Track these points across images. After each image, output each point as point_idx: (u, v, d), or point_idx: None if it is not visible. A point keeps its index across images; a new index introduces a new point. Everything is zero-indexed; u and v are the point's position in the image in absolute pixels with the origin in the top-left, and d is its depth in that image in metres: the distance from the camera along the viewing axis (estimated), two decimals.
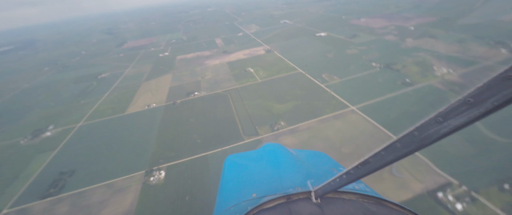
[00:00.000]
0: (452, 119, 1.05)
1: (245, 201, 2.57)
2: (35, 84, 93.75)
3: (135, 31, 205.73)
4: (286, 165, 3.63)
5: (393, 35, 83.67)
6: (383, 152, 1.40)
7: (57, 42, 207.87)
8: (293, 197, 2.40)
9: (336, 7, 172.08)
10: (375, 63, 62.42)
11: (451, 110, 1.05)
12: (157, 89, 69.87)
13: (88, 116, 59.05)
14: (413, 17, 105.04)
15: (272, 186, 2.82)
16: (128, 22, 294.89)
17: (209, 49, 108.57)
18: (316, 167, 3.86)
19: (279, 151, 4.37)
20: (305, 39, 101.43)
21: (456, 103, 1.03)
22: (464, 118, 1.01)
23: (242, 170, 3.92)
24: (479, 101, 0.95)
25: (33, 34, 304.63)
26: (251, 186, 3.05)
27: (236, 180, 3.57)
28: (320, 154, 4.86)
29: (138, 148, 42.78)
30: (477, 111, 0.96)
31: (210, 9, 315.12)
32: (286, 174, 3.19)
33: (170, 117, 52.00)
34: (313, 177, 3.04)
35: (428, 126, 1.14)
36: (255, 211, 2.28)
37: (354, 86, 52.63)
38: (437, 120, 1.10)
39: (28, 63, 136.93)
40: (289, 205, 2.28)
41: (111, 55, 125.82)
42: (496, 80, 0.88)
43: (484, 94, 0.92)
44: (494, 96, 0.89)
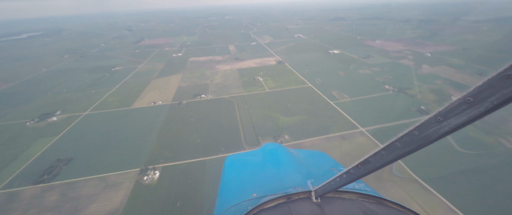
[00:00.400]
0: (452, 118, 1.04)
1: (246, 201, 2.54)
2: (53, 69, 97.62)
3: (153, 30, 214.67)
4: (286, 165, 3.62)
5: (408, 59, 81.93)
6: (383, 151, 1.40)
7: (80, 33, 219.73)
8: (293, 197, 2.39)
9: (352, 27, 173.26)
10: (389, 86, 60.49)
11: (451, 109, 1.04)
12: (166, 88, 70.52)
13: (95, 106, 59.79)
14: (430, 44, 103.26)
15: (272, 186, 2.80)
16: (149, 21, 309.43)
17: (221, 54, 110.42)
18: (316, 166, 3.83)
19: (279, 151, 4.35)
20: (318, 54, 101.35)
21: (456, 102, 1.02)
22: (464, 117, 1.00)
23: (242, 170, 3.89)
24: (478, 100, 0.94)
25: (61, 24, 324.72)
26: (251, 186, 3.03)
27: (236, 180, 3.53)
28: (320, 154, 4.84)
29: (137, 144, 42.11)
30: (476, 110, 0.96)
31: (228, 17, 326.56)
32: (286, 174, 3.19)
33: (174, 117, 51.58)
34: (313, 176, 3.03)
35: (428, 126, 1.13)
36: (255, 211, 2.26)
37: (365, 107, 50.67)
38: (437, 119, 1.10)
39: (51, 49, 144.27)
40: (289, 205, 2.26)
41: (128, 50, 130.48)
42: (496, 79, 0.87)
43: (483, 93, 0.92)
44: (494, 95, 0.89)
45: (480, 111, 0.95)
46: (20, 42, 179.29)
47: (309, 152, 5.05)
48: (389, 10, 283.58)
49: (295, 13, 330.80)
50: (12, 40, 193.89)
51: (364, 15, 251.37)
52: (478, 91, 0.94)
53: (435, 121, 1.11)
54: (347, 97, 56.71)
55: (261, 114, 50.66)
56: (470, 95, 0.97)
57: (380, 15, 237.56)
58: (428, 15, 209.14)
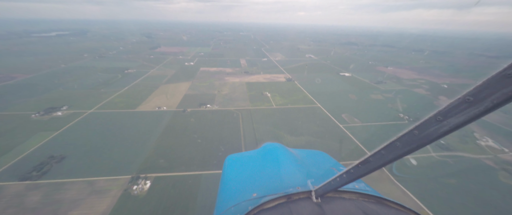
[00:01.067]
0: (452, 117, 1.04)
1: (246, 201, 2.55)
2: (71, 66, 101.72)
3: (170, 39, 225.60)
4: (287, 164, 3.61)
5: (423, 89, 78.86)
6: (383, 151, 1.41)
7: (103, 35, 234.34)
8: (294, 197, 2.40)
9: (363, 52, 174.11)
10: (403, 115, 57.15)
11: (451, 108, 1.04)
12: (173, 94, 70.48)
13: (101, 105, 59.84)
14: (445, 76, 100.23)
15: (273, 186, 2.79)
16: (168, 31, 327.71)
17: (232, 67, 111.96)
18: (317, 166, 3.81)
19: (279, 150, 4.34)
20: (328, 75, 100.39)
21: (456, 101, 1.02)
22: (464, 116, 1.01)
23: (242, 169, 3.87)
24: (478, 99, 0.94)
25: (88, 26, 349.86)
26: (251, 185, 3.03)
27: (236, 180, 3.51)
28: (320, 154, 4.82)
29: (134, 149, 40.32)
30: (476, 110, 0.96)
31: (242, 33, 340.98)
32: (286, 174, 3.19)
33: (176, 124, 50.12)
34: (313, 176, 3.02)
35: (427, 125, 1.13)
36: (255, 211, 2.27)
37: (377, 135, 47.30)
38: (436, 119, 1.10)
39: (73, 47, 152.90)
40: (289, 205, 2.28)
41: (143, 55, 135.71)
42: (496, 78, 0.87)
43: (483, 93, 0.92)
44: (494, 94, 0.89)
45: (480, 110, 0.95)
46: (48, 39, 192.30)
47: (309, 152, 5.01)
48: (401, 39, 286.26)
49: (307, 35, 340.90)
50: (42, 36, 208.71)
51: (375, 41, 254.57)
52: (478, 90, 0.94)
53: (435, 120, 1.11)
54: (358, 121, 53.68)
55: (266, 131, 48.28)
56: (470, 94, 0.97)
57: (392, 43, 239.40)
58: (441, 47, 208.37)
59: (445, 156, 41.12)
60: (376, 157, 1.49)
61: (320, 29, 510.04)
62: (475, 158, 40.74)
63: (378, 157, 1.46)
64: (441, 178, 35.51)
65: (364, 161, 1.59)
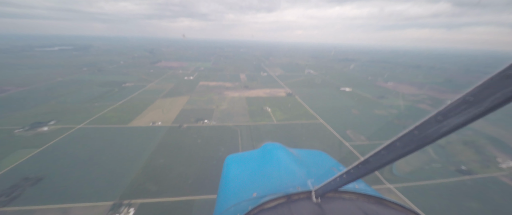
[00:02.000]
0: (452, 118, 1.03)
1: (246, 201, 2.54)
2: (68, 79, 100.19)
3: (172, 54, 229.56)
4: (286, 164, 3.57)
5: (427, 104, 76.89)
6: (383, 151, 1.41)
7: (106, 50, 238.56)
8: (294, 197, 2.41)
9: (362, 68, 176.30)
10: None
11: (451, 109, 1.03)
12: (169, 108, 67.77)
13: (91, 120, 56.61)
14: (446, 91, 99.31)
15: (273, 186, 2.77)
16: (171, 47, 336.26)
17: (231, 82, 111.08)
18: (317, 166, 3.77)
19: (279, 150, 4.28)
20: (329, 90, 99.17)
21: (456, 102, 1.01)
22: (464, 116, 1.00)
23: (242, 169, 3.83)
24: (479, 99, 0.94)
25: (92, 42, 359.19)
26: (251, 185, 2.98)
27: (236, 180, 3.47)
28: (320, 154, 4.74)
29: (120, 169, 36.31)
30: (477, 110, 0.95)
31: (242, 49, 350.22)
32: (286, 174, 3.15)
33: (170, 142, 46.55)
34: (313, 176, 2.99)
35: (428, 125, 1.13)
36: (255, 210, 2.28)
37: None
38: (437, 119, 1.09)
39: (74, 61, 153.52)
40: (289, 205, 2.28)
41: (143, 69, 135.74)
42: (496, 79, 0.87)
43: (484, 93, 0.91)
44: (494, 95, 0.88)
45: (480, 110, 0.94)
46: (50, 53, 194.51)
47: (309, 152, 4.91)
48: (397, 56, 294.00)
49: (305, 51, 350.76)
50: (44, 51, 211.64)
51: (373, 58, 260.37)
52: (478, 91, 0.94)
53: (435, 120, 1.10)
54: (364, 139, 50.42)
55: None
56: (470, 94, 0.96)
57: (388, 59, 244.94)
58: (437, 63, 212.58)
59: (466, 180, 37.39)
60: (376, 158, 1.47)
61: (317, 46, 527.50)
62: (498, 181, 36.96)
63: (378, 157, 1.45)
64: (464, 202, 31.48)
65: (364, 161, 1.58)
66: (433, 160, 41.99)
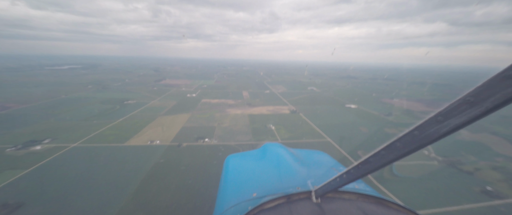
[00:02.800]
0: (452, 118, 1.03)
1: (246, 201, 2.54)
2: (71, 97, 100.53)
3: (176, 73, 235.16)
4: (287, 164, 3.59)
5: None
6: (383, 151, 1.40)
7: (113, 69, 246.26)
8: (294, 197, 2.41)
9: (364, 85, 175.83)
10: (429, 153, 49.93)
11: (451, 109, 1.04)
12: (170, 126, 65.44)
13: (88, 138, 54.19)
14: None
15: (273, 186, 2.77)
16: (175, 65, 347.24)
17: (234, 99, 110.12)
18: (317, 166, 3.79)
19: (279, 150, 4.29)
20: (334, 107, 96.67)
21: (456, 102, 1.02)
22: (464, 117, 1.00)
23: (242, 169, 3.81)
24: (479, 100, 0.94)
25: (101, 61, 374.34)
26: (251, 185, 2.97)
27: (236, 180, 3.43)
28: (321, 154, 4.73)
29: (109, 195, 32.68)
30: (477, 110, 0.95)
31: (245, 68, 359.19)
32: (286, 174, 3.17)
33: (167, 163, 43.21)
34: (313, 176, 3.00)
35: (428, 126, 1.13)
36: (255, 211, 2.27)
37: (409, 181, 39.41)
38: (437, 119, 1.09)
39: (81, 79, 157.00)
40: (289, 205, 2.29)
41: (147, 87, 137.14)
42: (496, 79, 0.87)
43: (484, 93, 0.92)
44: (494, 95, 0.89)
45: (480, 111, 0.94)
46: (59, 72, 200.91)
47: (309, 151, 4.82)
48: (399, 73, 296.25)
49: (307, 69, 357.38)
50: (54, 69, 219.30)
51: (374, 75, 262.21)
52: (478, 91, 0.94)
53: (435, 121, 1.10)
54: None
55: None
56: (470, 95, 0.96)
57: (391, 76, 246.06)
58: (440, 80, 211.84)
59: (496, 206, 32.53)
60: (376, 158, 1.46)
61: (318, 65, 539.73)
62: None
63: (378, 157, 1.43)
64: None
65: (364, 161, 1.56)
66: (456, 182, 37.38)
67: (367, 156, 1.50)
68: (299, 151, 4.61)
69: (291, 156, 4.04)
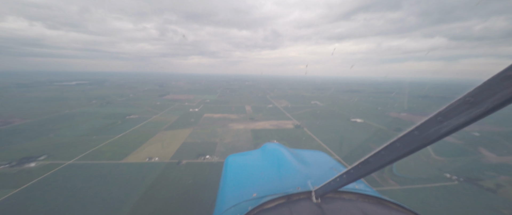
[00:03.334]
0: (452, 118, 1.03)
1: (246, 201, 2.54)
2: (74, 112, 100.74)
3: (180, 88, 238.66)
4: (287, 164, 3.61)
5: (455, 138, 69.14)
6: (383, 151, 1.39)
7: (119, 84, 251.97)
8: (294, 197, 2.42)
9: (368, 98, 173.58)
10: (449, 174, 45.89)
11: (451, 109, 1.03)
12: (170, 142, 63.32)
13: (85, 154, 52.21)
14: None
15: (273, 186, 2.78)
16: (180, 81, 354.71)
17: (237, 113, 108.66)
18: (317, 166, 3.80)
19: (280, 150, 4.37)
20: (339, 121, 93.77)
21: (456, 102, 1.01)
22: (464, 117, 0.99)
23: (242, 169, 3.82)
24: (479, 100, 0.93)
25: (108, 77, 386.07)
26: (251, 186, 2.98)
27: (236, 180, 3.44)
28: (321, 154, 4.77)
29: None
30: (477, 111, 0.95)
31: (248, 82, 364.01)
32: (286, 174, 3.19)
33: (164, 182, 40.40)
34: (313, 177, 3.02)
35: (428, 126, 1.12)
36: (255, 211, 2.27)
37: (430, 204, 35.36)
38: (437, 119, 1.09)
39: (86, 94, 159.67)
40: (289, 205, 2.30)
41: (151, 101, 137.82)
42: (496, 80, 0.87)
43: (484, 94, 0.91)
44: (494, 96, 0.88)
45: (480, 111, 0.94)
46: (67, 87, 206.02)
47: (309, 152, 4.84)
48: (402, 87, 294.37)
49: (309, 84, 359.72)
50: (62, 85, 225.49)
51: (377, 89, 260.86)
52: (478, 92, 0.93)
53: (435, 121, 1.09)
54: (393, 183, 42.45)
55: None
56: (470, 95, 0.96)
57: (394, 90, 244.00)
58: (444, 93, 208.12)
59: None
60: (376, 158, 1.45)
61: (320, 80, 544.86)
62: None
63: (378, 157, 1.43)
64: None
65: (364, 161, 1.56)
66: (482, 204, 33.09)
67: (367, 156, 1.51)
68: (299, 151, 4.61)
69: (291, 156, 4.04)
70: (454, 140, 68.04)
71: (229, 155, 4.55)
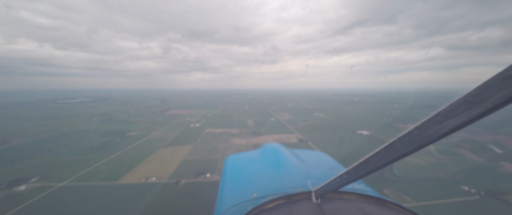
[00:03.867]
0: (452, 118, 1.03)
1: (246, 201, 2.55)
2: (74, 129, 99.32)
3: (182, 103, 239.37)
4: (287, 165, 3.61)
5: (468, 150, 65.33)
6: (383, 152, 1.39)
7: (121, 101, 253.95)
8: (294, 197, 2.43)
9: (372, 109, 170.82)
10: (469, 187, 42.11)
11: (451, 109, 1.03)
12: (169, 160, 60.54)
13: (79, 175, 49.51)
14: (479, 131, 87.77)
15: (273, 186, 2.78)
16: (182, 96, 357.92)
17: (238, 128, 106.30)
18: (317, 167, 3.81)
19: (280, 151, 4.32)
20: (344, 134, 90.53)
21: (456, 102, 1.01)
22: (464, 117, 0.99)
23: (242, 170, 3.82)
24: (479, 100, 0.93)
25: (112, 94, 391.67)
26: (251, 186, 2.99)
27: (236, 180, 3.45)
28: (321, 154, 4.82)
29: None
30: (477, 111, 0.94)
31: (249, 96, 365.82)
32: (286, 174, 3.18)
33: (160, 206, 37.18)
34: (313, 177, 3.01)
35: (428, 126, 1.12)
36: (255, 211, 2.28)
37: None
38: (437, 119, 1.08)
39: (87, 111, 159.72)
40: (289, 205, 2.30)
41: (152, 117, 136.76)
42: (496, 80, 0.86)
43: (484, 94, 0.91)
44: (494, 96, 0.88)
45: (480, 111, 0.93)
46: (70, 105, 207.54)
47: (310, 152, 4.88)
48: (404, 97, 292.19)
49: (310, 96, 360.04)
50: (66, 103, 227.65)
51: (379, 99, 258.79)
52: (478, 92, 0.93)
53: (435, 121, 1.09)
54: (409, 198, 38.71)
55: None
56: (470, 95, 0.95)
57: (396, 100, 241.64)
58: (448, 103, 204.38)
59: None
60: (376, 158, 1.45)
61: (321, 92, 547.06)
62: None
63: (378, 158, 1.42)
64: None
65: (364, 161, 1.55)
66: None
67: (367, 156, 1.50)
68: (299, 151, 4.51)
69: (291, 156, 3.97)
70: (469, 153, 64.24)
71: (229, 155, 4.45)
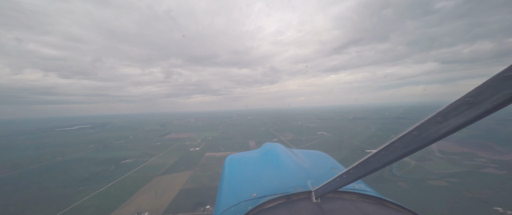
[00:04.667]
0: (452, 119, 1.03)
1: (246, 201, 2.49)
2: (67, 159, 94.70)
3: (182, 126, 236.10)
4: (286, 164, 3.56)
5: (493, 168, 60.03)
6: (383, 152, 1.36)
7: (121, 126, 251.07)
8: (293, 197, 2.39)
9: (376, 125, 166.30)
10: (503, 209, 36.80)
11: (451, 110, 1.03)
12: (166, 189, 55.38)
13: (64, 212, 44.31)
14: (496, 146, 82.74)
15: (272, 186, 2.71)
16: (183, 119, 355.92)
17: (240, 150, 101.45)
18: (316, 167, 3.76)
19: (279, 150, 4.38)
20: (352, 154, 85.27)
21: (456, 103, 1.01)
22: (464, 118, 0.99)
23: (242, 169, 3.74)
24: (478, 101, 0.93)
25: (112, 120, 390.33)
26: (251, 185, 2.88)
27: (236, 180, 3.33)
28: (320, 154, 4.80)
29: None
30: (476, 111, 0.95)
31: (250, 117, 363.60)
32: (286, 174, 3.12)
33: None
34: (313, 177, 2.96)
35: (427, 126, 1.12)
36: (255, 211, 2.23)
37: None
38: (436, 120, 1.08)
39: (84, 139, 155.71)
40: (289, 205, 2.26)
41: (150, 142, 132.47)
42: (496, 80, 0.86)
43: (483, 94, 0.91)
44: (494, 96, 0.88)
45: (480, 111, 0.94)
46: (67, 132, 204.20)
47: (309, 152, 4.84)
48: (406, 111, 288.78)
49: (311, 114, 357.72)
50: (63, 130, 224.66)
51: (382, 115, 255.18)
52: (478, 92, 0.93)
53: (434, 121, 1.09)
54: None
55: None
56: (470, 95, 0.95)
57: (399, 115, 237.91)
58: None
59: None
60: (376, 158, 1.41)
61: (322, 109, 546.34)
62: None
63: (378, 158, 1.39)
64: None
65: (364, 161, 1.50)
66: None
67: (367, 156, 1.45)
68: (299, 151, 4.59)
69: (291, 156, 3.99)
70: (495, 171, 58.98)
71: (228, 155, 4.44)
